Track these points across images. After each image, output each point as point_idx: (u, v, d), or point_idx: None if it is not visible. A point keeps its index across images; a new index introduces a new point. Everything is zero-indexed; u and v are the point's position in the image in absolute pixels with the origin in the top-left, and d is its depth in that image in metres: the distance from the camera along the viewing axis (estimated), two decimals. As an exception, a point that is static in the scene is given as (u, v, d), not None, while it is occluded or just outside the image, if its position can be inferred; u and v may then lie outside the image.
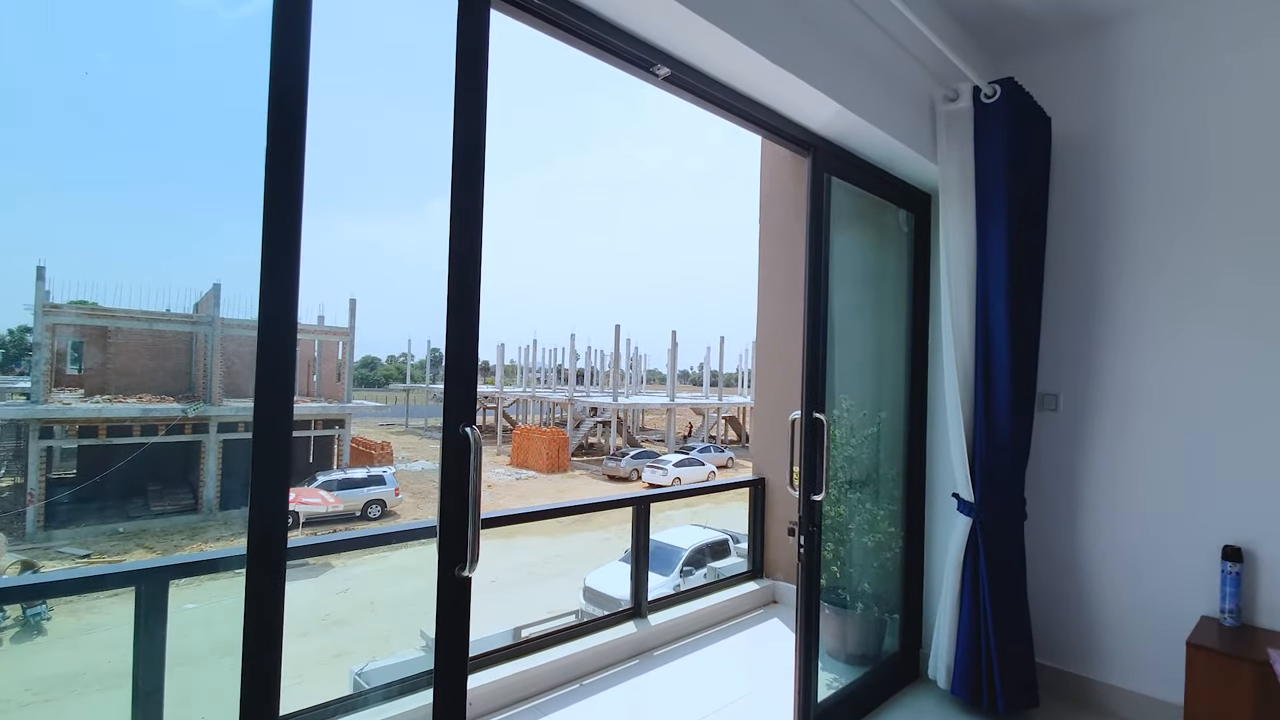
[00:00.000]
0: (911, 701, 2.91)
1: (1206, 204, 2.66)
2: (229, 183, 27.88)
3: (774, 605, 4.03)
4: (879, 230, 3.24)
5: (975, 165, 2.72)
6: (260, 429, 1.20)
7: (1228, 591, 2.49)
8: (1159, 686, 2.66)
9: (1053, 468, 3.00)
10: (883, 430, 3.24)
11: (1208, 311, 2.65)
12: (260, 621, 1.19)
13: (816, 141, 2.50)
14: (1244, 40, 2.59)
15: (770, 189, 4.31)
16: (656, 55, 1.89)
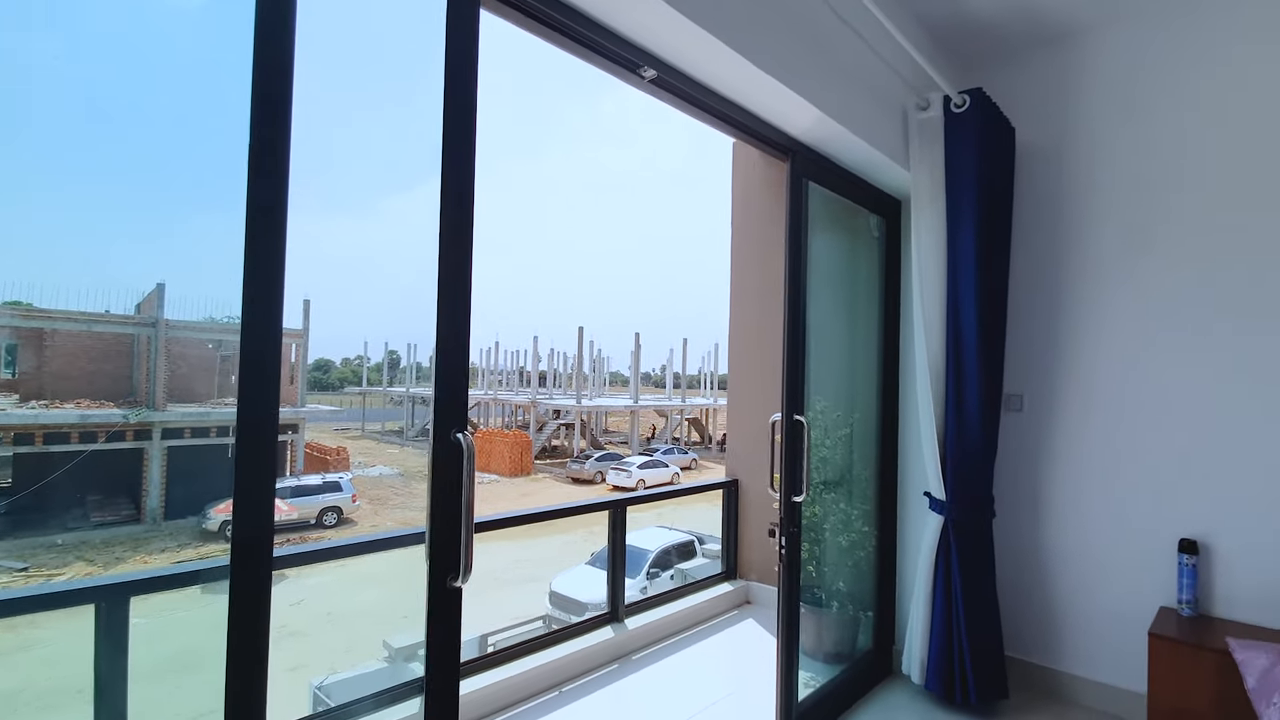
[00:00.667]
0: (887, 697, 2.96)
1: (1162, 213, 2.79)
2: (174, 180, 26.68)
3: (748, 606, 4.05)
4: (851, 235, 3.30)
5: (946, 172, 2.79)
6: (244, 432, 1.14)
7: (1184, 583, 2.62)
8: (1122, 676, 2.77)
9: (1017, 466, 3.10)
10: (855, 431, 3.29)
11: (1164, 316, 2.78)
12: (246, 636, 1.14)
13: (796, 147, 2.52)
14: (1193, 60, 2.73)
15: (742, 193, 4.35)
16: (643, 57, 1.88)
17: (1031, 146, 3.10)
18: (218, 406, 19.62)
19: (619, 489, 22.28)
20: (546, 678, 2.97)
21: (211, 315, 20.90)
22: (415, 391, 36.08)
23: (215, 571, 2.18)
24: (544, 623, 9.25)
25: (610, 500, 3.55)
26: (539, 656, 3.01)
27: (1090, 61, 2.97)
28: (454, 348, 1.42)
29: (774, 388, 4.04)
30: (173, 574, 2.03)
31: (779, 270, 4.08)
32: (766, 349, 4.13)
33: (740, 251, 4.35)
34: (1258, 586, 2.54)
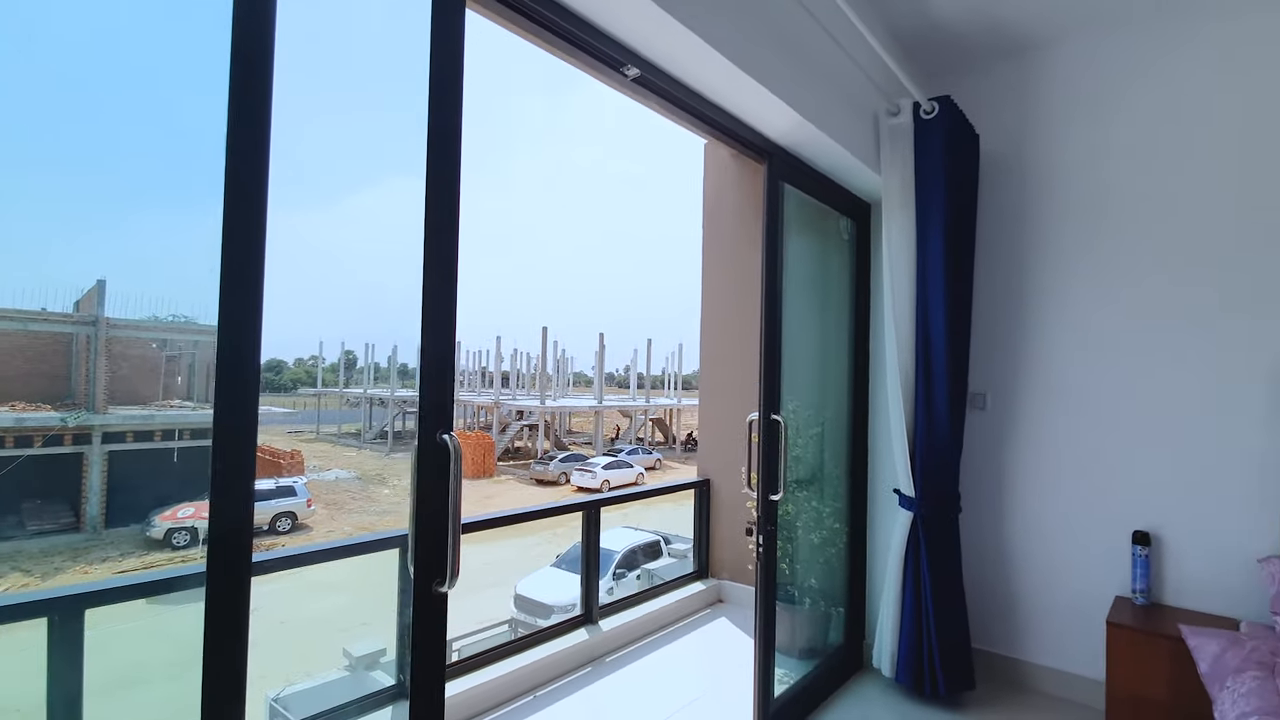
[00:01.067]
0: (859, 690, 3.01)
1: (1114, 220, 2.92)
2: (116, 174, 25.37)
3: (720, 605, 4.08)
4: (822, 237, 3.35)
5: (915, 177, 2.86)
6: (221, 428, 1.09)
7: (1138, 573, 2.74)
8: (1081, 664, 2.89)
9: (981, 464, 3.20)
10: (826, 430, 3.34)
11: (1117, 318, 2.91)
12: (225, 645, 1.08)
13: (773, 149, 2.55)
14: (1146, 71, 2.86)
15: (714, 194, 4.37)
16: (628, 55, 1.87)
17: (994, 153, 3.20)
18: (163, 409, 18.78)
19: (583, 490, 22.17)
20: (521, 682, 2.93)
21: (155, 314, 20.02)
22: (373, 393, 35.23)
23: (186, 580, 2.09)
24: (509, 626, 9.13)
25: (584, 501, 3.52)
26: (513, 661, 2.97)
27: (1049, 72, 3.09)
28: (439, 349, 1.39)
29: (746, 387, 4.09)
30: (132, 584, 1.93)
31: (750, 270, 4.13)
32: (738, 348, 4.17)
33: (711, 252, 4.37)
34: (1206, 575, 2.67)
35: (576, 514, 3.52)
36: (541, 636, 3.19)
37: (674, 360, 38.10)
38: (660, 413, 35.35)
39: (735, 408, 4.15)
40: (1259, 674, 2.07)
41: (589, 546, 3.49)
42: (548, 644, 3.15)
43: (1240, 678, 2.08)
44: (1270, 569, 2.44)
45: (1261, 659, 2.15)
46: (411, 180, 1.38)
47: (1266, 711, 1.90)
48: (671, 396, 36.90)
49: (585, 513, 3.50)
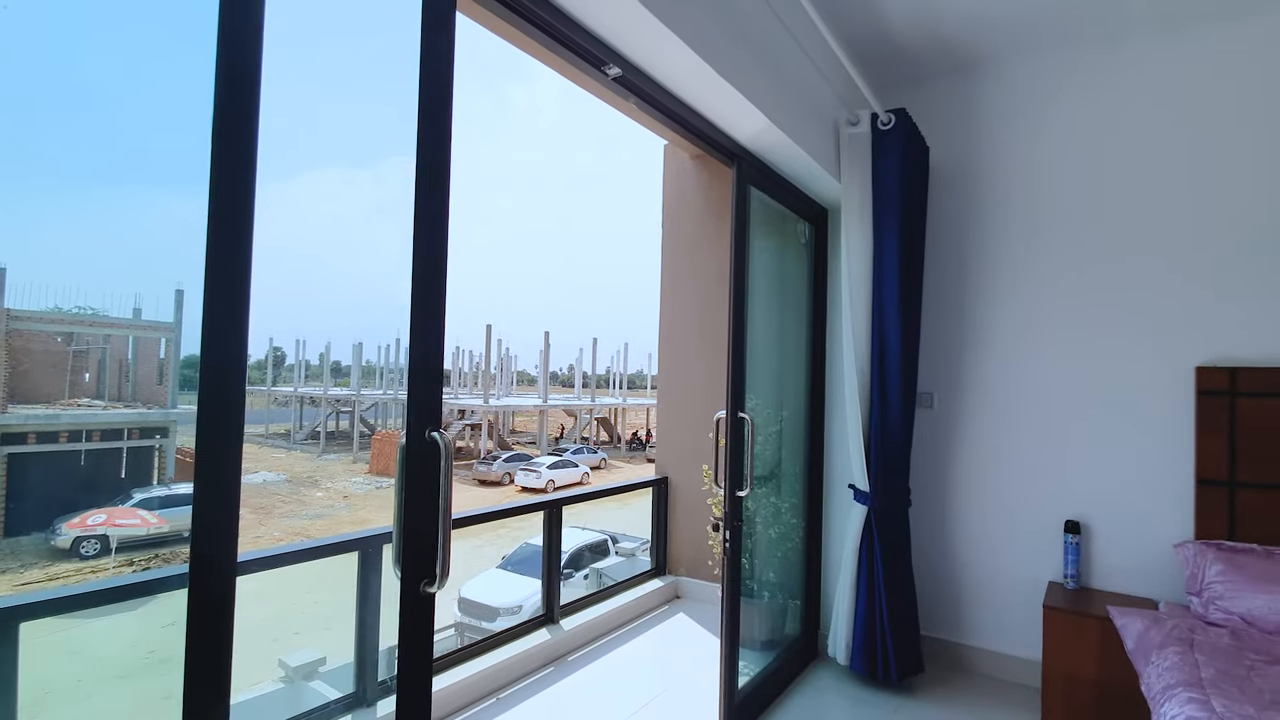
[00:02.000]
0: (815, 679, 3.12)
1: (1049, 231, 3.14)
2: (17, 145, 23.25)
3: (678, 601, 4.13)
4: (782, 240, 3.44)
5: (873, 185, 2.98)
6: (206, 419, 1.04)
7: (1069, 559, 2.95)
8: (1019, 646, 3.09)
9: (928, 460, 3.36)
10: (785, 428, 3.44)
11: (1052, 322, 3.12)
12: (210, 653, 1.04)
13: (742, 153, 2.61)
14: (1079, 91, 3.08)
15: (673, 196, 4.42)
16: (610, 54, 1.87)
17: (941, 164, 3.38)
18: (69, 408, 17.41)
19: (528, 490, 21.93)
20: (483, 684, 2.89)
21: (58, 305, 18.55)
22: (304, 391, 33.72)
23: (129, 589, 1.96)
24: (455, 630, 8.94)
25: (546, 500, 3.50)
26: (475, 663, 2.92)
27: (991, 88, 3.28)
28: (429, 346, 1.36)
29: (703, 385, 4.15)
30: (85, 593, 1.79)
31: (709, 271, 4.20)
32: (696, 348, 4.23)
33: (671, 253, 4.42)
34: (1128, 560, 2.90)
35: (521, 515, 3.50)
36: (504, 637, 3.15)
37: (619, 359, 38.14)
38: (605, 412, 35.34)
39: (693, 406, 4.21)
40: (1179, 649, 2.26)
41: (551, 545, 3.47)
42: (510, 645, 3.12)
43: (1163, 653, 2.27)
44: (1184, 553, 2.68)
45: (1181, 635, 2.36)
46: (352, 172, 1.34)
47: (1188, 683, 2.08)
48: (617, 396, 36.93)
49: (547, 512, 3.48)
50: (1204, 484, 2.74)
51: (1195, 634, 2.37)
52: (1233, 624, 2.43)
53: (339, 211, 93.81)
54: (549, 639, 3.26)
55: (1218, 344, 2.77)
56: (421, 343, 1.35)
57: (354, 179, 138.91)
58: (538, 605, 3.45)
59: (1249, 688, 1.99)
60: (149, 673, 9.23)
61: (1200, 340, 2.80)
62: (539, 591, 3.42)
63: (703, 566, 4.09)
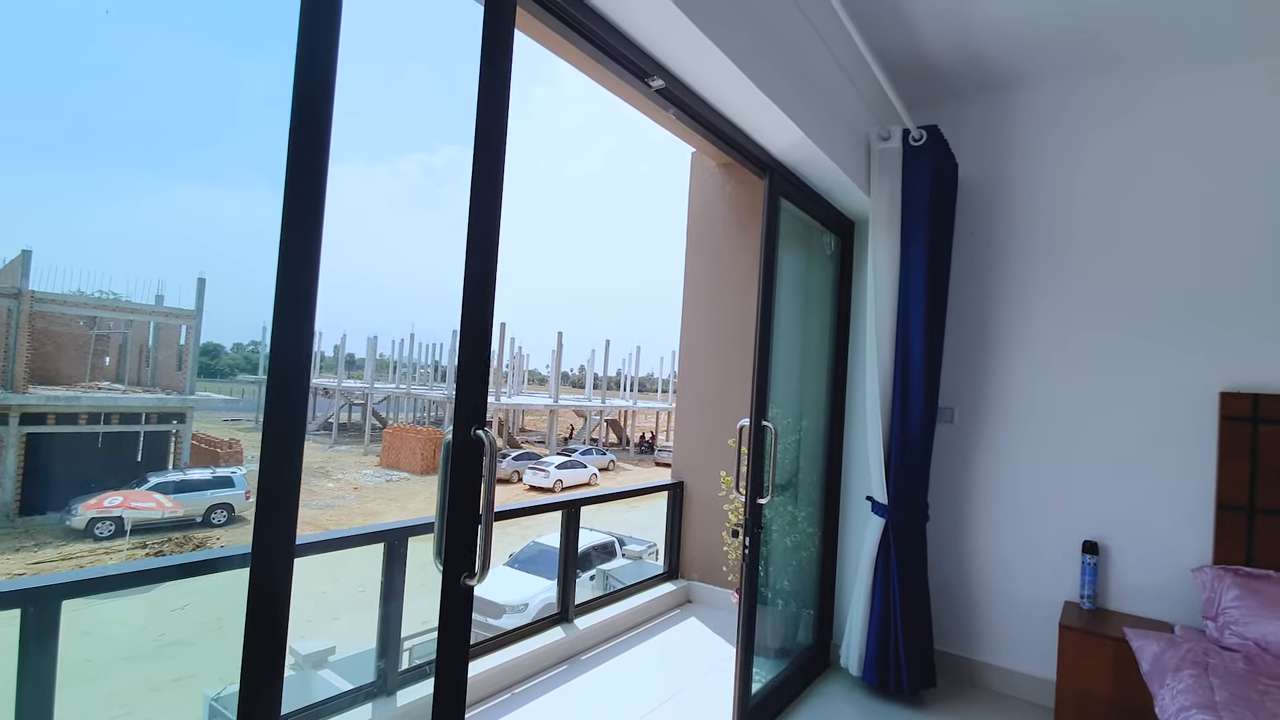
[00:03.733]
0: (827, 689, 3.14)
1: (1078, 252, 3.15)
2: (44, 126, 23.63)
3: (690, 605, 4.16)
4: (808, 251, 3.47)
5: (902, 200, 3.01)
6: (273, 403, 1.10)
7: (1086, 580, 2.95)
8: (1032, 664, 3.09)
9: (947, 475, 3.37)
10: (804, 438, 3.46)
11: (1077, 342, 3.13)
12: (265, 624, 1.09)
13: (775, 165, 2.64)
14: (1115, 115, 3.09)
15: (698, 203, 4.46)
16: (654, 67, 1.92)
17: (969, 180, 3.39)
18: (90, 390, 17.71)
19: (536, 489, 22.01)
20: (498, 680, 2.93)
21: (81, 288, 18.87)
22: (318, 383, 34.05)
23: (194, 566, 2.02)
24: (462, 625, 9.00)
25: (564, 500, 3.55)
26: (491, 659, 2.97)
27: (1025, 108, 3.30)
28: (476, 345, 1.41)
29: (723, 392, 4.19)
30: (127, 573, 1.86)
31: (732, 279, 4.23)
32: (717, 355, 4.26)
33: (695, 260, 4.46)
34: (1145, 583, 2.90)
35: (538, 514, 3.55)
36: (520, 634, 3.20)
37: (630, 362, 38.21)
38: (615, 414, 35.41)
39: (712, 412, 4.25)
40: (1194, 672, 2.27)
41: (568, 545, 3.51)
42: (526, 641, 3.16)
43: (1178, 675, 2.27)
44: (1202, 578, 2.67)
45: (1196, 659, 2.36)
46: (370, 167, 1.39)
47: (1202, 705, 2.09)
48: (627, 398, 36.99)
49: (565, 512, 3.53)
50: (1224, 509, 2.74)
51: (1210, 657, 2.37)
52: (1247, 649, 2.43)
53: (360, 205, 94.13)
54: (563, 637, 3.30)
55: (1243, 370, 2.77)
56: (470, 345, 1.40)
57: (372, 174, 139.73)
58: (545, 604, 3.51)
59: (1262, 712, 2.00)
60: (159, 655, 9.38)
61: (1226, 366, 2.80)
62: (545, 590, 3.47)
63: (716, 572, 4.12)
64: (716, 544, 4.08)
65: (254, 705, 1.11)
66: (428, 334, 36.58)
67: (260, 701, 1.11)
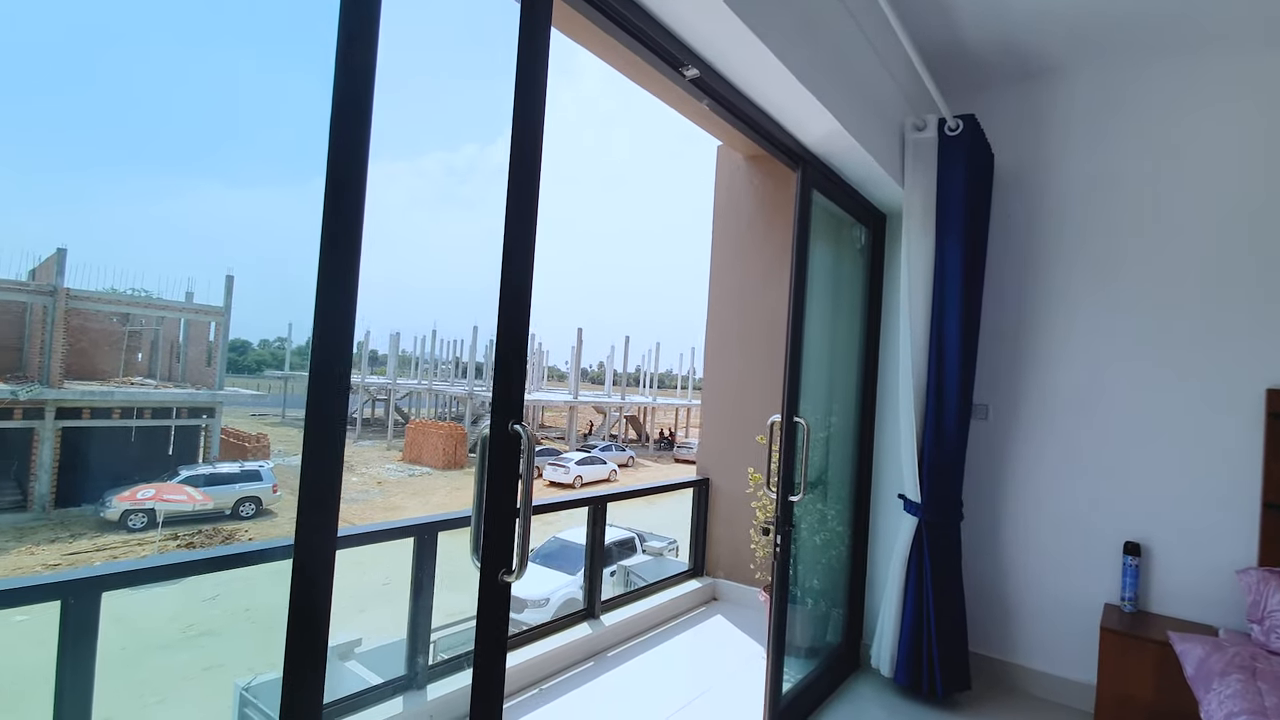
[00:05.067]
0: (858, 689, 3.09)
1: (1121, 243, 3.05)
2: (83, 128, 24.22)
3: (715, 603, 4.13)
4: (837, 244, 3.41)
5: (937, 192, 2.94)
6: (315, 398, 1.10)
7: (1128, 582, 2.86)
8: (1070, 667, 3.01)
9: (981, 473, 3.30)
10: (833, 434, 3.41)
11: (1115, 336, 3.03)
12: (308, 613, 1.09)
13: (807, 156, 2.59)
14: (1161, 105, 2.99)
15: (724, 197, 4.41)
16: (688, 55, 1.89)
17: (1005, 170, 3.30)
18: (123, 386, 18.14)
19: (555, 485, 22.11)
20: (526, 675, 2.93)
21: (114, 286, 19.31)
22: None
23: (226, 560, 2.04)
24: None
25: (590, 496, 3.54)
26: (519, 654, 2.97)
27: (1065, 97, 3.20)
28: (514, 342, 1.39)
29: (750, 387, 4.14)
30: (164, 565, 1.88)
31: (759, 273, 4.18)
32: (743, 350, 4.22)
33: (721, 254, 4.41)
34: (1188, 585, 2.81)
35: (564, 510, 3.54)
36: (548, 629, 3.20)
37: (650, 358, 38.18)
38: (634, 410, 35.42)
39: (737, 408, 4.21)
40: (1241, 676, 2.19)
41: (594, 541, 3.51)
42: (553, 637, 3.16)
43: (1225, 680, 2.20)
44: (1247, 580, 2.58)
45: (1243, 663, 2.28)
46: (391, 164, 1.37)
47: (1252, 711, 2.02)
48: (647, 395, 36.98)
49: (591, 508, 3.52)
50: (1271, 508, 2.64)
51: (1258, 662, 2.29)
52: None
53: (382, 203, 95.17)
54: (590, 633, 3.29)
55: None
56: (507, 340, 1.38)
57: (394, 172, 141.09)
58: (566, 598, 3.50)
59: (1322, 722, 1.92)
60: (190, 645, 9.58)
61: (1274, 361, 2.70)
62: (566, 585, 3.47)
63: (742, 569, 4.08)
64: (742, 541, 4.04)
65: (297, 697, 1.10)
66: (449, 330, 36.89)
67: (303, 693, 1.11)
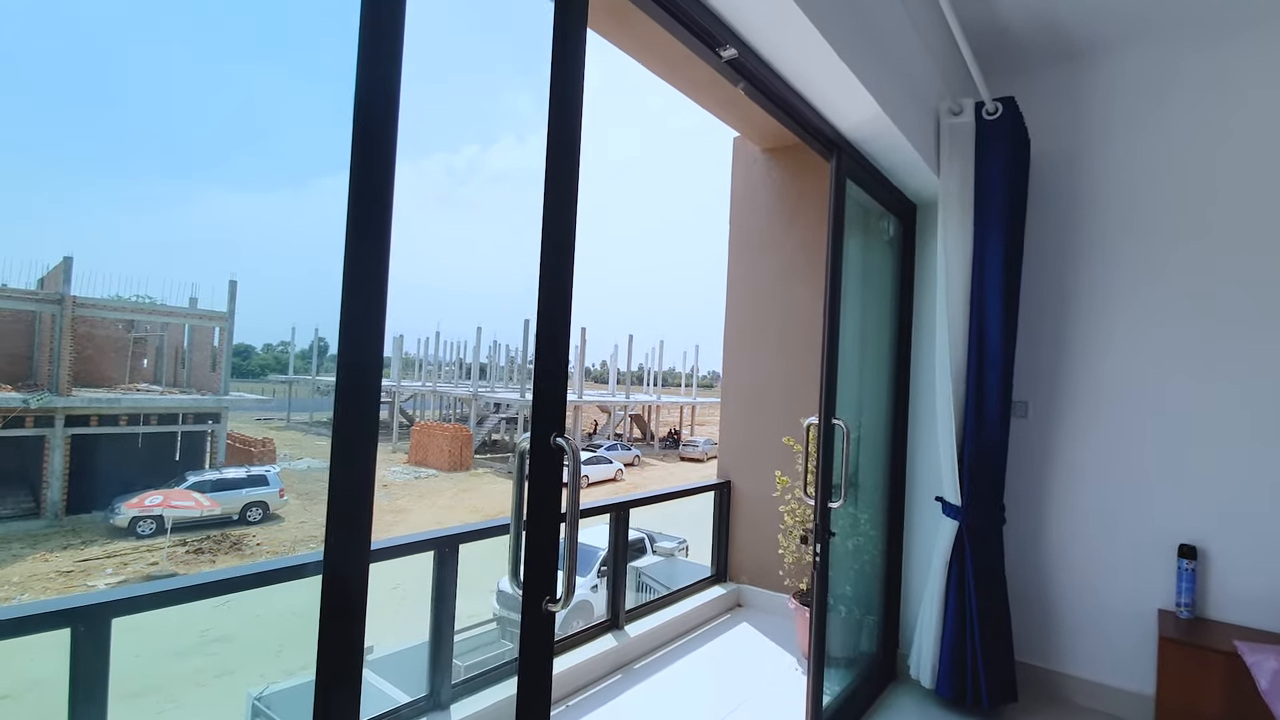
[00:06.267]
0: (897, 701, 2.95)
1: (1169, 231, 2.89)
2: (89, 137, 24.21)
3: (740, 609, 4.00)
4: (866, 236, 3.27)
5: (975, 178, 2.79)
6: (342, 407, 0.97)
7: (1184, 586, 2.72)
8: (1123, 677, 2.87)
9: (1023, 473, 3.15)
10: (864, 435, 3.27)
11: (1168, 327, 2.88)
12: (341, 629, 0.96)
13: (842, 144, 2.46)
14: (1213, 88, 2.83)
15: (741, 191, 4.27)
16: (726, 34, 1.75)
17: (1044, 155, 3.15)
18: (129, 392, 18.10)
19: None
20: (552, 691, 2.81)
21: (119, 293, 19.27)
22: (347, 381, 34.35)
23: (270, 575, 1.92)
24: (497, 624, 8.95)
25: (612, 503, 3.41)
26: (544, 668, 2.84)
27: (1107, 79, 3.04)
28: (553, 347, 1.26)
29: (774, 387, 4.01)
30: (223, 579, 1.76)
31: (779, 269, 4.05)
32: (763, 348, 4.08)
33: (738, 249, 4.28)
34: (1252, 590, 2.66)
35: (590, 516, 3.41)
36: (571, 642, 3.07)
37: (654, 356, 38.04)
38: (639, 409, 35.28)
39: (759, 408, 4.07)
40: (1329, 694, 2.05)
41: (616, 549, 3.38)
42: (577, 650, 3.04)
43: (1310, 697, 2.06)
44: (1321, 586, 2.44)
45: (1327, 678, 2.13)
46: (397, 167, 1.25)
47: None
48: (651, 393, 36.84)
49: (614, 514, 3.39)
50: (1345, 511, 2.49)
51: (1344, 677, 2.14)
52: (1385, 668, 2.20)
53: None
54: (615, 645, 3.16)
55: (1362, 357, 2.52)
56: (547, 347, 1.25)
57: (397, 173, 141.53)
58: (578, 601, 3.38)
59: None
60: (203, 651, 9.50)
61: (1344, 353, 2.55)
62: (579, 589, 3.34)
63: (768, 575, 3.94)
64: (767, 546, 3.90)
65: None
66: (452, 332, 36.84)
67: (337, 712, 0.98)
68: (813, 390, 3.79)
